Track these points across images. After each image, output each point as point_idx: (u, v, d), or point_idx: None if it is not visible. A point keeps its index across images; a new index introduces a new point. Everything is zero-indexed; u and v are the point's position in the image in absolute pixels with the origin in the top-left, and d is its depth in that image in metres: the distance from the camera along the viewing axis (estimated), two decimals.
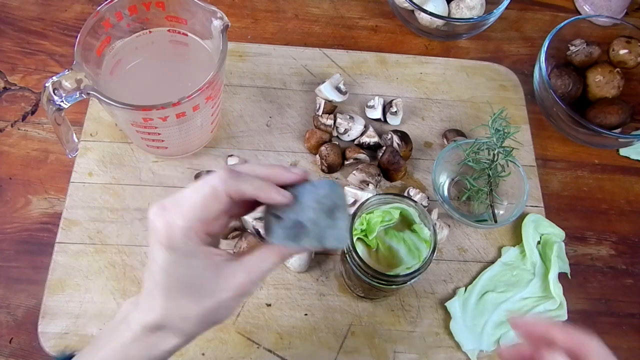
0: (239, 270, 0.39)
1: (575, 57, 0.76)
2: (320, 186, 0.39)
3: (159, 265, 0.38)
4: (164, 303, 0.38)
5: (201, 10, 0.59)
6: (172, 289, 0.38)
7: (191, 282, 0.38)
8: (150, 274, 0.38)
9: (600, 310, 0.66)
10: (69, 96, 0.53)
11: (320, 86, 0.70)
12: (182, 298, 0.38)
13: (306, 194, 0.38)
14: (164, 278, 0.38)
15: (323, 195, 0.38)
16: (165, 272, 0.38)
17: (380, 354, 0.60)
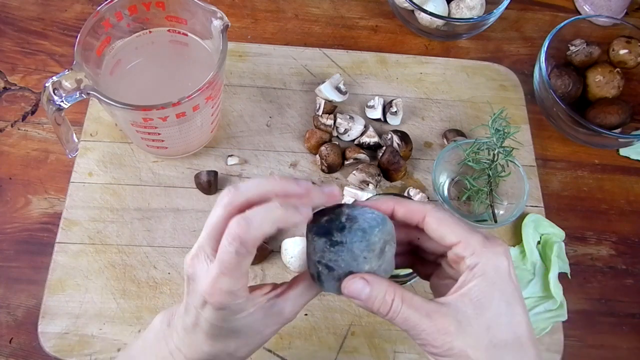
0: (286, 307, 0.40)
1: (575, 57, 0.76)
2: (370, 226, 0.37)
3: (205, 318, 0.38)
4: (212, 344, 0.39)
5: (201, 10, 0.59)
6: (219, 336, 0.38)
7: (240, 330, 0.39)
8: (194, 318, 0.38)
9: (600, 310, 0.66)
10: (69, 96, 0.53)
11: (320, 86, 0.70)
12: (231, 341, 0.39)
13: (356, 242, 0.37)
14: (210, 329, 0.38)
15: (374, 242, 0.37)
16: (213, 325, 0.38)
17: (380, 354, 0.60)
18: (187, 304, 0.39)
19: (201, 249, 0.38)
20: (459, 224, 0.37)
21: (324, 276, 0.38)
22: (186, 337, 0.39)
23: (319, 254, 0.37)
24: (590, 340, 0.64)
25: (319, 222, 0.38)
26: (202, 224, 0.64)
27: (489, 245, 0.36)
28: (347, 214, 0.38)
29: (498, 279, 0.35)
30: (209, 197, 0.66)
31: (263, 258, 0.63)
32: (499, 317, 0.35)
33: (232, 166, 0.68)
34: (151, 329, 0.42)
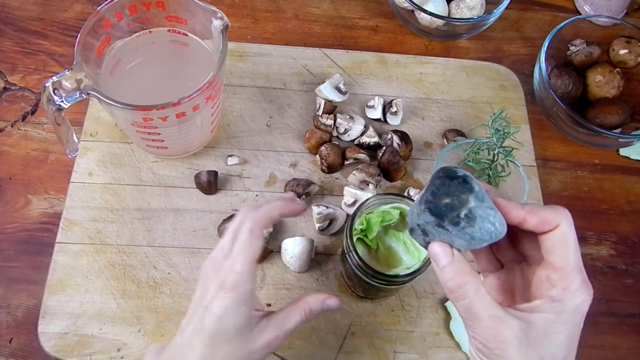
0: (269, 327, 0.44)
1: (575, 57, 0.76)
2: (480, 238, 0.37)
3: (214, 311, 0.42)
4: (203, 350, 0.42)
5: (201, 10, 0.59)
6: (215, 337, 0.42)
7: (234, 331, 0.42)
8: (194, 323, 0.43)
9: (600, 310, 0.66)
10: (69, 96, 0.53)
11: (320, 86, 0.70)
12: (222, 345, 0.42)
13: (459, 241, 0.37)
14: (213, 324, 0.42)
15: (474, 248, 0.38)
16: (219, 317, 0.42)
17: (380, 354, 0.60)
18: (193, 312, 0.43)
19: (217, 249, 0.44)
20: (575, 251, 0.37)
21: (417, 234, 0.39)
22: (178, 351, 0.43)
23: (422, 221, 0.37)
24: (590, 340, 0.64)
25: (439, 200, 0.36)
26: (202, 224, 0.65)
27: (582, 289, 0.36)
28: (469, 211, 0.36)
29: (572, 322, 0.36)
30: (209, 197, 0.66)
31: (263, 258, 0.63)
32: (555, 354, 0.35)
33: (232, 166, 0.68)
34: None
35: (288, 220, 0.66)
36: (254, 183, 0.67)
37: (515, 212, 0.37)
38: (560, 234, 0.36)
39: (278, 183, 0.68)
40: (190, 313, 0.44)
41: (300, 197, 0.65)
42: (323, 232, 0.65)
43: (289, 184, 0.66)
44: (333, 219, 0.65)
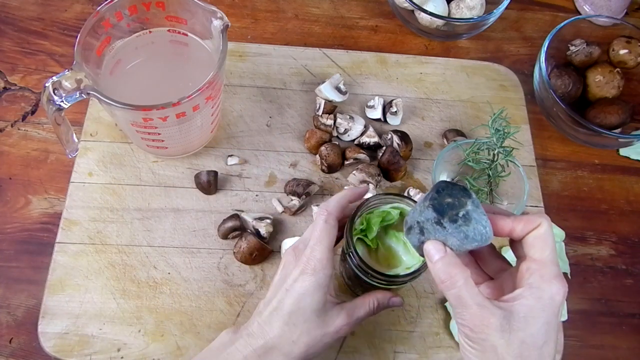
0: (341, 313, 0.48)
1: (575, 57, 0.76)
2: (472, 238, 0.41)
3: (294, 293, 0.47)
4: (282, 328, 0.46)
5: (201, 10, 0.59)
6: (294, 315, 0.46)
7: (311, 311, 0.47)
8: (273, 305, 0.47)
9: (600, 310, 0.66)
10: (69, 96, 0.53)
11: (320, 86, 0.70)
12: (300, 323, 0.46)
13: (454, 238, 0.42)
14: (293, 304, 0.46)
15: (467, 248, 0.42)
16: (299, 298, 0.46)
17: (380, 354, 0.60)
18: (273, 295, 0.48)
19: (302, 241, 0.50)
20: (552, 248, 0.41)
21: (414, 232, 0.43)
22: (256, 328, 0.47)
23: (422, 219, 0.42)
24: (590, 340, 0.64)
25: (442, 199, 0.42)
26: (202, 224, 0.65)
27: (556, 279, 0.40)
28: (466, 212, 0.41)
29: (548, 308, 0.39)
30: (208, 197, 0.66)
31: (263, 258, 0.63)
32: (535, 338, 0.39)
33: (232, 166, 0.68)
34: (215, 342, 0.49)
35: (288, 220, 0.66)
36: (254, 183, 0.67)
37: (503, 222, 0.43)
38: (541, 231, 0.41)
39: (278, 183, 0.68)
40: (269, 296, 0.49)
41: (301, 197, 0.65)
42: None
43: (289, 184, 0.66)
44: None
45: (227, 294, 0.61)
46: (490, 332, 0.39)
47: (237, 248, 0.62)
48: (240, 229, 0.63)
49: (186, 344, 0.58)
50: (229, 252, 0.63)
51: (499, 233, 0.43)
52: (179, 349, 0.58)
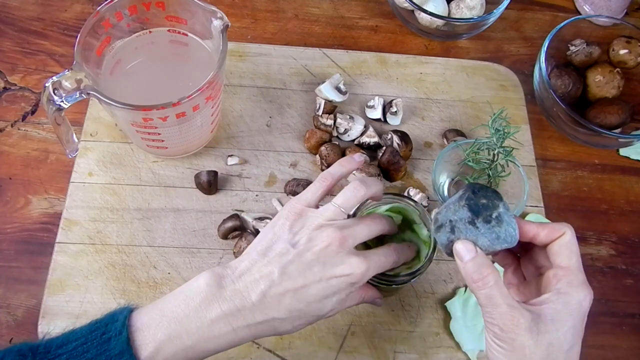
0: (337, 303, 0.46)
1: (575, 57, 0.76)
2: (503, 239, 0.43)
3: (330, 286, 0.44)
4: (290, 313, 0.43)
5: (201, 10, 0.59)
6: (309, 308, 0.44)
7: (326, 311, 0.46)
8: (299, 282, 0.44)
9: (600, 310, 0.66)
10: (69, 96, 0.53)
11: (320, 86, 0.70)
12: (305, 316, 0.45)
13: (485, 238, 0.43)
14: (318, 297, 0.44)
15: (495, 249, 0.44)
16: (328, 295, 0.45)
17: (380, 354, 0.60)
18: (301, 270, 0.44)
19: (352, 238, 0.46)
20: (577, 255, 0.43)
21: (444, 231, 0.44)
22: (259, 303, 0.42)
23: (457, 217, 0.43)
24: (590, 340, 0.64)
25: (478, 200, 0.43)
26: (202, 224, 0.65)
27: (584, 285, 0.42)
28: (499, 215, 0.43)
29: (576, 313, 0.41)
30: (209, 197, 0.66)
31: None
32: (561, 341, 0.40)
33: (232, 166, 0.68)
34: (194, 289, 0.43)
35: None
36: (254, 183, 0.67)
37: (529, 227, 0.44)
38: (566, 239, 0.43)
39: (278, 183, 0.68)
40: (292, 269, 0.44)
41: None
42: None
43: (289, 184, 0.66)
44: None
45: None
46: (520, 332, 0.40)
47: (237, 248, 0.62)
48: (240, 229, 0.63)
49: None
50: (229, 252, 0.63)
51: (523, 237, 0.44)
52: None
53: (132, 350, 0.40)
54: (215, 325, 0.42)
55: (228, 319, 0.42)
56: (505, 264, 0.49)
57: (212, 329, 0.42)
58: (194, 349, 0.42)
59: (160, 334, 0.41)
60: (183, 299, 0.43)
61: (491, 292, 0.41)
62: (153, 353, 0.40)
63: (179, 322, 0.41)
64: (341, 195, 0.48)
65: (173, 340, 0.41)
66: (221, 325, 0.42)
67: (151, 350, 0.40)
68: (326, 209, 0.47)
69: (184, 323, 0.41)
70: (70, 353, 0.40)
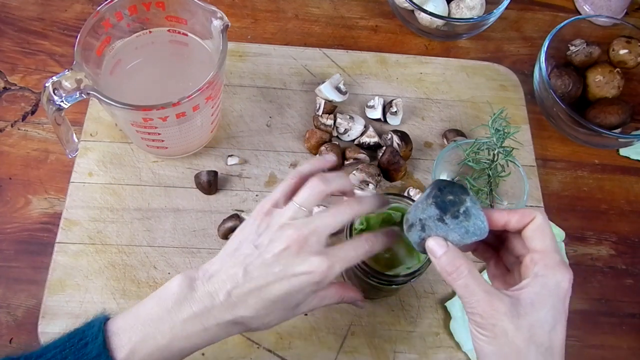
0: (314, 300, 0.47)
1: (575, 57, 0.76)
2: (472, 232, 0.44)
3: (292, 286, 0.44)
4: (258, 310, 0.44)
5: (201, 10, 0.59)
6: (277, 303, 0.44)
7: (293, 305, 0.46)
8: (258, 281, 0.44)
9: (600, 310, 0.66)
10: (69, 96, 0.53)
11: (320, 86, 0.70)
12: (276, 312, 0.45)
13: (454, 234, 0.44)
14: (281, 296, 0.44)
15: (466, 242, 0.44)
16: (291, 293, 0.44)
17: (380, 354, 0.60)
18: (261, 270, 0.44)
19: (316, 235, 0.45)
20: (552, 238, 0.43)
21: (415, 230, 0.45)
22: (227, 300, 0.43)
23: (424, 216, 0.44)
24: (590, 340, 0.64)
25: (445, 197, 0.44)
26: (202, 224, 0.65)
27: (560, 266, 0.41)
28: (466, 209, 0.43)
29: (555, 294, 0.41)
30: (209, 197, 0.66)
31: None
32: (542, 323, 0.40)
33: (232, 166, 0.68)
34: (167, 292, 0.44)
35: None
36: (254, 183, 0.67)
37: (499, 215, 0.44)
38: (537, 222, 0.43)
39: (278, 183, 0.68)
40: (253, 269, 0.44)
41: None
42: None
43: None
44: None
45: None
46: (500, 317, 0.40)
47: None
48: None
49: None
50: None
51: (495, 225, 0.44)
52: None
53: (109, 353, 0.41)
54: (187, 325, 0.43)
55: (199, 319, 0.43)
56: (485, 257, 0.49)
57: (184, 328, 0.43)
58: (169, 348, 0.43)
59: (135, 336, 0.42)
60: (156, 302, 0.44)
61: (467, 282, 0.41)
62: (129, 354, 0.42)
63: (153, 323, 0.43)
64: (300, 193, 0.47)
65: (148, 340, 0.42)
66: (193, 324, 0.43)
67: (127, 352, 0.42)
68: (288, 208, 0.47)
69: (158, 324, 0.43)
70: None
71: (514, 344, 0.40)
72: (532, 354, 0.40)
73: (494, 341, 0.41)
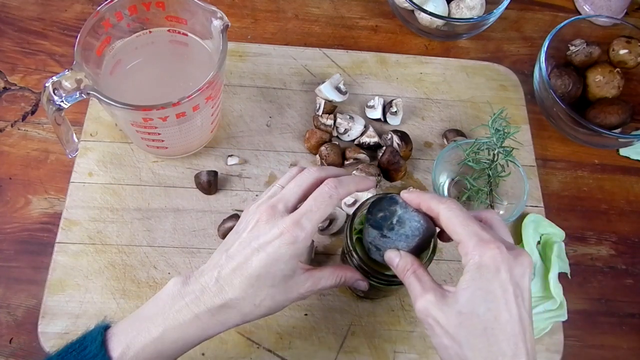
0: (308, 281, 0.48)
1: (575, 57, 0.76)
2: (412, 235, 0.48)
3: (267, 256, 0.44)
4: (245, 290, 0.44)
5: (201, 10, 0.59)
6: (261, 279, 0.44)
7: (281, 278, 0.45)
8: (237, 261, 0.45)
9: (600, 310, 0.66)
10: (69, 96, 0.53)
11: (320, 86, 0.70)
12: (264, 289, 0.45)
13: (400, 242, 0.48)
14: (262, 268, 0.44)
15: (413, 245, 0.48)
16: (271, 263, 0.44)
17: (380, 354, 0.60)
18: (237, 250, 0.45)
19: (282, 201, 0.47)
20: (464, 225, 0.43)
21: (373, 252, 0.50)
22: (213, 285, 0.45)
23: (371, 239, 0.49)
24: (590, 340, 0.64)
25: (376, 216, 0.48)
26: (202, 224, 0.65)
27: (478, 247, 0.42)
28: (398, 218, 0.48)
29: (479, 277, 0.41)
30: (209, 197, 0.66)
31: None
32: (470, 306, 0.41)
33: (232, 166, 0.68)
34: (163, 292, 0.46)
35: None
36: (254, 183, 0.67)
37: (414, 202, 0.47)
38: (442, 217, 0.45)
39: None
40: (232, 251, 0.46)
41: None
42: (323, 232, 0.65)
43: None
44: (333, 219, 0.65)
45: None
46: (430, 308, 0.42)
47: None
48: None
49: None
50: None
51: (431, 212, 0.46)
52: None
53: (105, 352, 0.42)
54: (180, 314, 0.44)
55: (190, 307, 0.44)
56: None
57: (176, 317, 0.44)
58: (162, 339, 0.44)
59: (131, 333, 0.44)
60: (153, 301, 0.46)
61: (409, 281, 0.45)
62: (124, 349, 0.43)
63: (148, 320, 0.44)
64: (283, 178, 0.50)
65: (141, 333, 0.43)
66: (184, 313, 0.44)
67: (123, 348, 0.43)
68: (268, 190, 0.50)
69: (152, 319, 0.44)
70: None
71: (447, 333, 0.41)
72: (465, 338, 0.40)
73: (432, 333, 0.43)
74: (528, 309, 0.41)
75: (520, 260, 0.42)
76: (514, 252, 0.42)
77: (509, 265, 0.41)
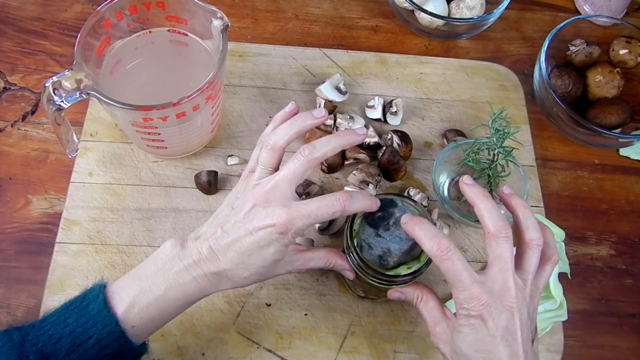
0: (297, 261, 0.51)
1: (575, 57, 0.76)
2: (407, 237, 0.49)
3: (260, 238, 0.47)
4: (236, 263, 0.48)
5: (201, 10, 0.59)
6: (252, 257, 0.48)
7: (271, 260, 0.49)
8: (231, 237, 0.48)
9: (600, 310, 0.66)
10: (69, 96, 0.53)
11: (320, 86, 0.70)
12: (254, 266, 0.48)
13: (394, 243, 0.50)
14: (254, 249, 0.48)
15: (405, 247, 0.50)
16: (261, 245, 0.47)
17: (380, 354, 0.60)
18: (233, 227, 0.48)
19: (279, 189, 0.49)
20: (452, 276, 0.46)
21: (365, 250, 0.51)
22: (209, 253, 0.48)
23: (365, 236, 0.51)
24: (590, 340, 0.64)
25: (374, 215, 0.50)
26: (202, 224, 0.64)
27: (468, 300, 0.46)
28: (395, 219, 0.50)
29: (470, 330, 0.46)
30: (209, 197, 0.66)
31: None
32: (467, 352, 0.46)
33: (232, 166, 0.68)
34: (161, 253, 0.49)
35: None
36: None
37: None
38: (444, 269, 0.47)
39: None
40: (228, 227, 0.49)
41: (301, 197, 0.65)
42: (323, 232, 0.65)
43: None
44: (333, 219, 0.65)
45: (227, 294, 0.61)
46: (437, 342, 0.49)
47: None
48: None
49: (186, 343, 0.58)
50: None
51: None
52: (179, 349, 0.58)
53: (109, 309, 0.45)
54: (179, 276, 0.47)
55: (188, 270, 0.48)
56: None
57: (176, 278, 0.47)
58: (164, 298, 0.47)
59: (133, 291, 0.47)
60: (152, 261, 0.49)
61: (421, 309, 0.51)
62: (129, 307, 0.46)
63: (149, 278, 0.47)
64: (260, 156, 0.52)
65: (145, 292, 0.46)
66: (184, 275, 0.47)
67: (127, 305, 0.46)
68: (256, 171, 0.52)
69: (153, 278, 0.47)
70: (52, 323, 0.45)
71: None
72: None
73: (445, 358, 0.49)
74: (523, 343, 0.45)
75: (506, 302, 0.45)
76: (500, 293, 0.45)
77: (492, 315, 0.45)
